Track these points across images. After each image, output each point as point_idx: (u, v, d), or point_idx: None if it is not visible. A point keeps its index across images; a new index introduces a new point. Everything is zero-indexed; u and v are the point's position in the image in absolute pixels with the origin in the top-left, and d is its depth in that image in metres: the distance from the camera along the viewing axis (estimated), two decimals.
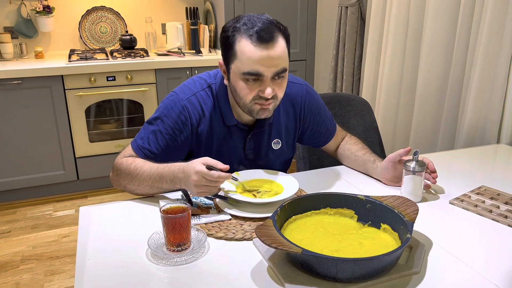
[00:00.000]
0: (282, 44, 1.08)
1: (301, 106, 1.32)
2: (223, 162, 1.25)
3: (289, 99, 1.30)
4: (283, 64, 1.09)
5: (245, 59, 1.06)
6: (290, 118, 1.32)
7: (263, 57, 1.05)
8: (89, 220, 1.11)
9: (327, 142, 1.43)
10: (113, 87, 2.76)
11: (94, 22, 3.12)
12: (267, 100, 1.11)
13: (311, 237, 0.95)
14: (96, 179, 2.93)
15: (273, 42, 1.06)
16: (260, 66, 1.06)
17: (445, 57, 2.01)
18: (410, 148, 1.22)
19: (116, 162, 1.21)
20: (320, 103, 1.39)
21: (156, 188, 1.15)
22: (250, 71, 1.07)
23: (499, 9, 1.68)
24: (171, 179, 1.11)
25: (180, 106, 1.20)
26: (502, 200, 1.19)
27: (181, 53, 2.99)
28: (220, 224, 1.05)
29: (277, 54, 1.06)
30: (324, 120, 1.39)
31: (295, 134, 1.36)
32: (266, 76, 1.08)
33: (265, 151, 1.31)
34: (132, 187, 1.18)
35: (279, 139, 1.32)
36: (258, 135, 1.28)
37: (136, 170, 1.15)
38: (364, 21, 2.64)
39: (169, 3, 3.27)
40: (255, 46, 1.05)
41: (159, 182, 1.13)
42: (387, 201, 1.01)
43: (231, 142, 1.26)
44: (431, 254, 0.95)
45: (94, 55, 2.88)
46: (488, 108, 1.78)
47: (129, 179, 1.17)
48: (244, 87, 1.10)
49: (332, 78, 2.80)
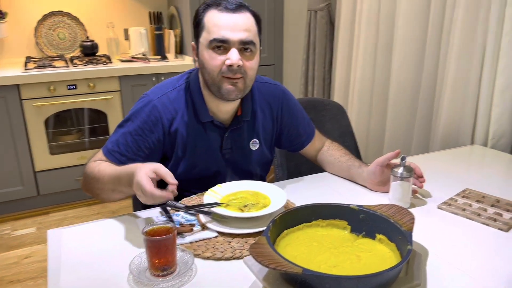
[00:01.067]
0: (249, 17, 1.11)
1: (278, 106, 1.31)
2: (199, 164, 1.22)
3: (266, 99, 1.29)
4: (250, 36, 1.09)
5: (211, 26, 1.08)
6: (267, 118, 1.30)
7: (229, 22, 1.07)
8: (60, 244, 1.00)
9: (305, 145, 1.40)
10: (74, 96, 2.61)
11: (51, 27, 2.95)
12: (235, 73, 1.08)
13: (307, 252, 0.90)
14: (58, 194, 2.76)
15: (239, 11, 1.09)
16: (226, 31, 1.07)
17: (417, 60, 2.02)
18: (399, 150, 1.19)
19: (85, 167, 1.18)
20: (297, 105, 1.38)
21: (118, 192, 1.09)
22: (216, 37, 1.07)
23: (470, 13, 1.70)
24: (127, 182, 1.02)
25: (151, 106, 1.16)
26: (488, 202, 1.18)
27: (146, 59, 2.88)
28: (206, 242, 0.98)
29: (244, 22, 1.09)
30: (302, 122, 1.37)
31: (272, 134, 1.33)
32: (233, 42, 1.08)
33: (243, 152, 1.27)
34: (97, 191, 1.14)
35: (257, 139, 1.28)
36: (235, 133, 1.24)
37: (99, 173, 1.11)
38: (333, 25, 2.64)
39: (131, 8, 3.15)
40: (222, 13, 1.08)
41: (119, 185, 1.06)
42: (381, 210, 0.97)
43: (207, 141, 1.21)
44: (429, 263, 0.92)
45: (53, 62, 2.72)
46: (462, 110, 1.80)
47: (94, 182, 1.12)
48: (211, 58, 1.09)
49: (303, 83, 2.78)
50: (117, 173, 1.06)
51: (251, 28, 1.10)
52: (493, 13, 1.63)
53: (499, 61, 1.66)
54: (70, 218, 2.65)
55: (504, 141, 1.71)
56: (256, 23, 1.13)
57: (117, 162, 1.14)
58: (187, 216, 1.08)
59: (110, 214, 2.69)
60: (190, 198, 1.19)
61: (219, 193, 1.13)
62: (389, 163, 1.22)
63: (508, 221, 1.08)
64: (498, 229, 1.06)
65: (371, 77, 2.31)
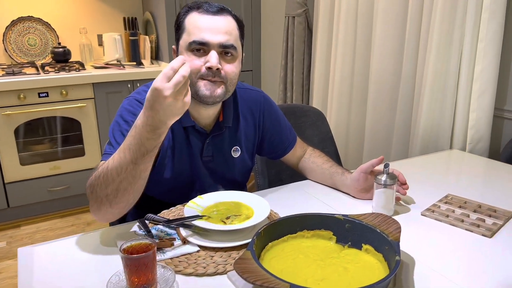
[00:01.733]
0: (231, 21, 1.09)
1: (260, 113, 1.29)
2: (180, 169, 1.18)
3: (248, 105, 1.27)
4: (231, 39, 1.07)
5: (192, 28, 1.06)
6: (249, 124, 1.27)
7: (209, 24, 1.05)
8: (31, 263, 0.94)
9: (286, 152, 1.38)
10: (46, 104, 2.52)
11: (21, 33, 2.85)
12: (214, 76, 1.05)
13: (293, 265, 0.87)
14: (29, 206, 2.65)
15: (220, 14, 1.07)
16: (206, 33, 1.05)
17: (396, 66, 2.04)
18: (382, 157, 1.18)
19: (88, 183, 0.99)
20: (279, 111, 1.36)
21: (140, 163, 0.90)
22: (196, 39, 1.05)
23: (446, 19, 1.72)
24: (147, 130, 0.86)
25: (139, 102, 1.12)
26: (470, 208, 1.18)
27: (121, 65, 2.81)
28: (187, 257, 0.93)
29: (224, 25, 1.06)
30: (284, 129, 1.36)
31: (254, 141, 1.30)
32: (212, 45, 1.05)
33: (224, 159, 1.24)
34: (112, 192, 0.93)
35: (239, 146, 1.26)
36: (217, 140, 1.21)
37: (105, 165, 0.94)
38: (311, 31, 2.64)
39: (105, 13, 3.08)
40: (202, 15, 1.07)
41: (139, 148, 0.89)
42: (367, 220, 0.95)
43: (189, 146, 1.18)
44: (416, 272, 0.91)
45: (23, 69, 2.62)
46: (440, 115, 1.81)
47: (105, 182, 0.93)
48: (190, 60, 1.06)
49: (282, 89, 2.76)
50: (129, 140, 0.90)
51: (232, 31, 1.08)
52: (469, 19, 1.66)
53: (476, 66, 1.68)
54: (42, 231, 2.55)
55: (481, 145, 1.73)
56: (238, 28, 1.11)
57: None
58: (167, 230, 1.03)
59: (85, 225, 2.60)
60: (170, 210, 1.15)
61: (200, 204, 1.09)
62: (372, 169, 1.21)
63: (491, 226, 1.08)
64: (482, 235, 1.05)
65: (350, 83, 2.31)
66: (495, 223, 1.10)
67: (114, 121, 1.12)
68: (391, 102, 2.09)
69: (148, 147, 0.89)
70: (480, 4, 1.63)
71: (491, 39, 1.63)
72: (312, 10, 2.59)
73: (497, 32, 1.63)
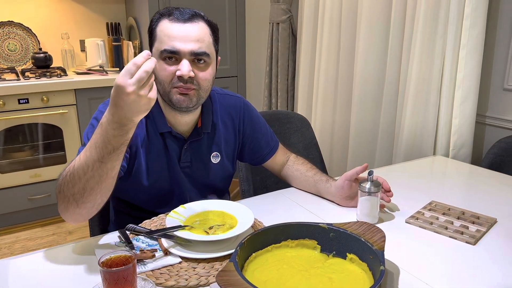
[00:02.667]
0: (203, 27, 1.08)
1: (240, 119, 1.28)
2: (157, 177, 1.15)
3: (227, 111, 1.26)
4: (203, 46, 1.06)
5: (163, 36, 1.05)
6: (229, 130, 1.26)
7: (180, 33, 1.04)
8: (7, 277, 0.90)
9: (267, 158, 1.37)
10: (26, 110, 2.47)
11: (1, 38, 2.79)
12: (186, 82, 1.05)
13: (277, 276, 0.85)
14: (9, 215, 2.58)
15: (191, 21, 1.06)
16: (176, 42, 1.04)
17: (379, 72, 2.05)
18: (367, 164, 1.18)
19: (56, 186, 0.95)
20: (259, 117, 1.35)
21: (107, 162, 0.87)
22: (167, 48, 1.04)
23: (429, 27, 1.74)
24: (113, 127, 0.84)
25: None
26: (454, 215, 1.18)
27: (104, 71, 2.77)
28: (169, 269, 0.91)
29: (195, 33, 1.05)
30: (264, 134, 1.34)
31: (235, 147, 1.29)
32: (183, 53, 1.04)
33: (204, 165, 1.22)
34: (79, 191, 0.90)
35: (218, 152, 1.24)
36: (195, 146, 1.19)
37: (71, 164, 0.92)
38: (295, 37, 2.64)
39: (87, 19, 3.04)
40: (173, 23, 1.05)
41: (106, 146, 0.86)
42: (351, 229, 0.95)
43: (166, 152, 1.16)
44: (400, 281, 0.90)
45: (2, 75, 2.56)
46: (423, 122, 1.83)
47: (71, 181, 0.90)
48: (162, 68, 1.05)
49: (267, 95, 2.76)
50: (95, 138, 0.87)
51: (204, 38, 1.07)
52: (451, 26, 1.68)
53: (458, 73, 1.70)
54: (22, 240, 2.48)
55: (464, 151, 1.75)
56: (211, 33, 1.10)
57: None
58: (148, 241, 1.01)
59: (67, 234, 2.55)
60: (152, 220, 1.13)
61: (182, 214, 1.07)
62: (357, 177, 1.21)
63: (475, 233, 1.08)
64: (466, 242, 1.05)
65: (334, 89, 2.32)
66: (478, 230, 1.10)
67: (89, 124, 1.10)
68: (375, 109, 2.10)
69: (114, 144, 0.86)
70: (462, 12, 1.65)
71: (472, 47, 1.66)
72: (296, 16, 2.60)
73: (478, 39, 1.65)
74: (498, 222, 1.16)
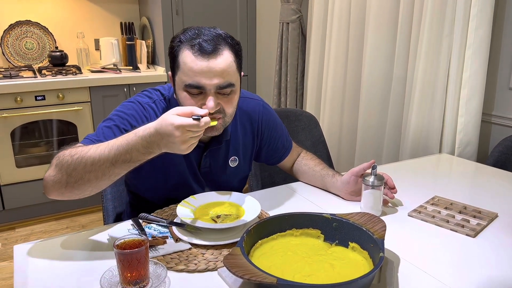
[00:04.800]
0: (227, 57, 1.03)
1: (258, 122, 1.29)
2: (176, 180, 1.18)
3: (246, 114, 1.27)
4: (228, 78, 1.03)
5: (187, 70, 1.02)
6: (247, 134, 1.28)
7: (204, 68, 1.00)
8: (26, 261, 0.96)
9: (282, 158, 1.40)
10: (42, 107, 2.55)
11: (19, 37, 2.88)
12: (211, 114, 1.03)
13: (281, 262, 0.90)
14: (24, 208, 2.67)
15: (215, 54, 1.01)
16: (201, 78, 1.01)
17: (387, 71, 2.08)
18: (373, 161, 1.21)
19: (58, 155, 0.98)
20: (277, 119, 1.36)
21: (117, 166, 0.92)
22: (191, 83, 1.02)
23: (435, 27, 1.76)
24: (143, 146, 0.90)
25: (142, 106, 1.13)
26: (456, 209, 1.22)
27: (117, 69, 2.84)
28: (179, 255, 0.96)
29: (220, 67, 1.01)
30: (281, 136, 1.37)
31: (252, 150, 1.31)
32: (209, 90, 1.02)
33: (222, 169, 1.25)
34: (76, 175, 0.93)
35: (237, 156, 1.26)
36: (215, 152, 1.22)
37: (87, 148, 0.94)
38: (305, 37, 2.68)
39: (102, 18, 3.12)
40: (196, 57, 1.01)
41: (125, 154, 0.90)
42: (353, 219, 0.98)
43: (186, 158, 1.18)
44: (400, 270, 0.94)
45: (20, 72, 2.64)
46: (429, 120, 1.85)
47: (75, 163, 0.93)
48: (187, 99, 1.04)
49: (276, 94, 2.80)
50: (120, 142, 0.91)
51: (229, 69, 1.03)
52: (457, 27, 1.70)
53: (464, 73, 1.73)
54: (37, 233, 2.56)
55: (469, 149, 1.77)
56: (235, 58, 1.05)
57: None
58: (160, 229, 1.06)
59: (80, 228, 2.62)
60: (163, 210, 1.18)
61: (192, 204, 1.12)
62: (363, 173, 1.24)
63: (475, 227, 1.11)
64: (466, 235, 1.08)
65: (342, 88, 2.35)
66: (479, 223, 1.13)
67: (108, 118, 1.11)
68: (382, 107, 2.13)
69: (133, 157, 0.91)
70: (468, 13, 1.67)
71: (478, 47, 1.68)
72: (306, 16, 2.64)
73: (484, 39, 1.67)
74: (499, 217, 1.18)
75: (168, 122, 0.87)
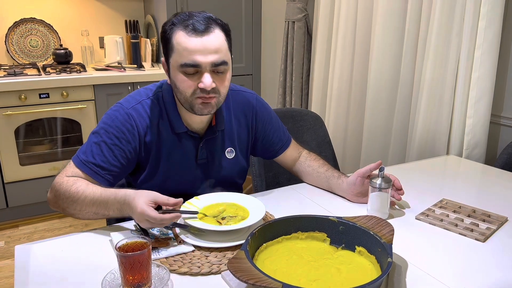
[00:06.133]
0: (219, 36, 1.08)
1: (253, 114, 1.31)
2: (175, 174, 1.20)
3: (241, 107, 1.29)
4: (222, 55, 1.07)
5: (181, 50, 1.05)
6: (242, 126, 1.29)
7: (199, 46, 1.05)
8: (28, 260, 0.95)
9: (279, 153, 1.39)
10: (46, 104, 2.54)
11: (23, 35, 2.87)
12: (208, 93, 1.08)
13: (286, 266, 0.88)
14: (28, 206, 2.66)
15: (208, 32, 1.06)
16: (197, 56, 1.05)
17: (394, 71, 2.05)
18: (380, 162, 1.19)
19: (56, 182, 1.09)
20: (272, 113, 1.38)
21: (100, 215, 1.07)
22: (187, 62, 1.05)
23: (444, 27, 1.73)
24: (118, 209, 1.03)
25: (125, 114, 1.13)
26: (464, 213, 1.19)
27: (122, 67, 2.83)
28: (182, 257, 0.94)
29: (214, 44, 1.06)
30: (277, 129, 1.37)
31: (248, 143, 1.32)
32: (204, 67, 1.06)
33: (219, 161, 1.25)
34: (72, 211, 1.08)
35: (233, 147, 1.28)
36: (211, 143, 1.23)
37: (78, 194, 1.05)
38: (310, 36, 2.66)
39: (106, 16, 3.10)
40: (190, 36, 1.05)
41: (105, 210, 1.05)
42: (360, 222, 0.96)
43: (182, 151, 1.20)
44: (408, 275, 0.92)
45: (24, 70, 2.64)
46: (437, 121, 1.82)
47: (69, 202, 1.06)
48: (184, 80, 1.08)
49: (281, 93, 2.78)
50: (103, 199, 1.04)
51: (221, 47, 1.07)
52: (467, 27, 1.67)
53: (472, 73, 1.70)
54: (40, 231, 2.55)
55: (477, 151, 1.75)
56: (226, 37, 1.10)
57: (92, 174, 1.09)
58: (163, 230, 1.04)
59: (83, 227, 2.61)
60: None
61: (196, 205, 1.10)
62: (370, 174, 1.22)
63: (485, 231, 1.09)
64: (475, 240, 1.06)
65: (348, 87, 2.33)
66: (488, 227, 1.11)
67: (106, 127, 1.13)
68: (389, 108, 2.10)
69: (111, 214, 1.05)
70: (477, 13, 1.64)
71: (488, 47, 1.65)
72: (312, 15, 2.61)
73: (493, 40, 1.64)
74: (509, 221, 1.16)
75: (136, 203, 0.97)
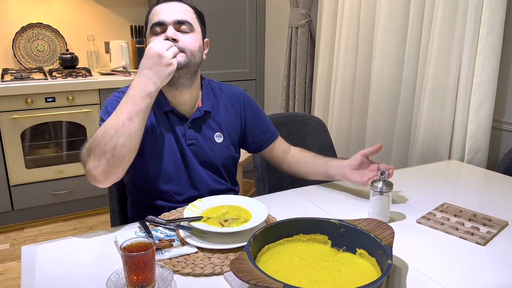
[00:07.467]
0: (187, 7, 1.23)
1: (241, 105, 1.37)
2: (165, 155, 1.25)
3: (229, 97, 1.36)
4: (186, 17, 1.20)
5: (152, 16, 1.21)
6: (231, 114, 1.35)
7: (165, 8, 1.20)
8: (34, 261, 0.97)
9: (269, 142, 1.42)
10: (52, 108, 2.57)
11: (30, 39, 2.91)
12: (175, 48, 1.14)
13: (288, 267, 0.89)
14: (33, 209, 2.69)
15: (178, 1, 1.22)
16: (162, 15, 1.19)
17: (396, 76, 2.07)
18: (381, 145, 1.24)
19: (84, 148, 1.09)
20: (258, 105, 1.45)
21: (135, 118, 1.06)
22: (154, 22, 1.19)
23: (446, 33, 1.75)
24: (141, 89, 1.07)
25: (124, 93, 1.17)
26: (465, 217, 1.20)
27: (127, 72, 2.86)
28: (185, 258, 0.96)
29: (179, 7, 1.20)
30: (265, 120, 1.43)
31: (238, 132, 1.37)
32: (168, 23, 1.18)
33: (208, 144, 1.29)
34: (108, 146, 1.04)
35: (221, 132, 1.32)
36: (198, 124, 1.28)
37: (105, 125, 1.07)
38: (313, 41, 2.68)
39: (112, 21, 3.14)
40: (160, 4, 1.22)
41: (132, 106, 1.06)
42: (361, 225, 0.98)
43: (171, 131, 1.25)
44: (408, 277, 0.93)
45: (31, 74, 2.67)
46: (439, 126, 1.84)
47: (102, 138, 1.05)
48: (151, 39, 1.19)
49: (284, 98, 2.80)
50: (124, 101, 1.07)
51: (187, 12, 1.21)
52: (468, 32, 1.69)
53: (474, 79, 1.71)
54: (45, 233, 2.58)
55: (479, 156, 1.75)
56: (195, 13, 1.24)
57: None
58: (166, 232, 1.06)
59: (88, 229, 2.63)
60: (170, 213, 1.18)
61: (199, 208, 1.12)
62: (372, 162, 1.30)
63: (485, 235, 1.10)
64: (476, 243, 1.07)
65: (351, 93, 2.35)
66: (489, 231, 1.12)
67: (103, 106, 1.23)
68: (391, 113, 2.11)
69: (141, 105, 1.07)
70: (479, 19, 1.66)
71: (489, 53, 1.66)
72: (315, 21, 2.63)
73: (495, 45, 1.66)
74: (509, 225, 1.17)
75: (148, 57, 1.07)
